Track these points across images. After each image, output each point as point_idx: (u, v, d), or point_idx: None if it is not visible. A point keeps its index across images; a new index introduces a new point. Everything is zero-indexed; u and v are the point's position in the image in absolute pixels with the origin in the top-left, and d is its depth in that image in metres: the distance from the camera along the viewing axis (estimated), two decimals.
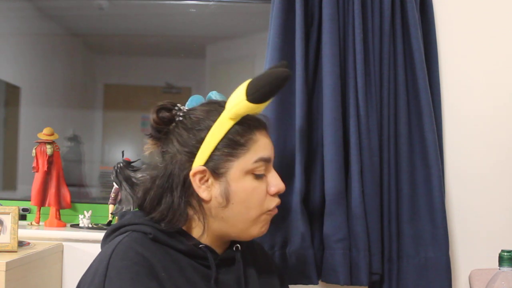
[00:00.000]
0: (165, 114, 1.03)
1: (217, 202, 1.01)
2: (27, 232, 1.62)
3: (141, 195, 1.05)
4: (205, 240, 1.04)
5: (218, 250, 1.05)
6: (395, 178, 1.50)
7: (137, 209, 1.08)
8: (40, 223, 1.74)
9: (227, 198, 1.00)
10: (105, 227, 1.70)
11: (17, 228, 1.44)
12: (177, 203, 1.00)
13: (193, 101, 1.87)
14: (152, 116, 1.04)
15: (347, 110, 1.47)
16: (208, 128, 1.01)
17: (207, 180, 1.01)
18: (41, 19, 2.37)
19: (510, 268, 1.08)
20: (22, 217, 1.80)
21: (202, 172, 1.00)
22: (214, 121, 1.01)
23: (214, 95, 1.82)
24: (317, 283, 1.46)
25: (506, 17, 1.63)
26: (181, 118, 1.03)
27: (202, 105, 1.08)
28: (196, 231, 1.03)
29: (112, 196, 1.72)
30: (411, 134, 1.51)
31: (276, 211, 1.07)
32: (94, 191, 2.16)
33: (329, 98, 1.44)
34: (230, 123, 1.01)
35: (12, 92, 2.29)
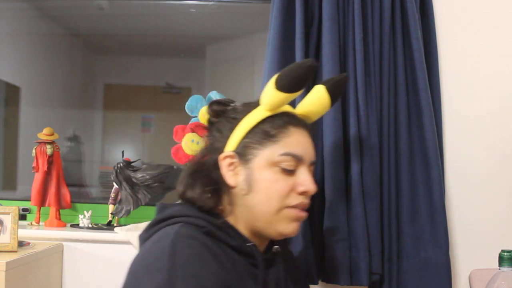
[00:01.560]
0: (216, 107, 1.09)
1: (241, 188, 1.02)
2: (27, 232, 1.62)
3: (179, 185, 1.06)
4: (247, 235, 1.04)
5: (260, 249, 1.06)
6: (395, 178, 1.50)
7: (180, 201, 1.07)
8: (40, 223, 1.74)
9: (249, 184, 1.02)
10: (105, 227, 1.70)
11: (17, 228, 1.44)
12: (209, 188, 1.02)
13: (193, 101, 1.87)
14: (207, 109, 1.11)
15: (347, 110, 1.47)
16: (243, 117, 1.05)
17: (236, 167, 1.03)
18: (41, 19, 2.37)
19: (510, 268, 1.09)
20: (22, 217, 1.80)
21: (230, 156, 1.03)
22: (249, 112, 1.05)
23: (214, 95, 1.81)
24: (317, 283, 1.46)
25: (506, 17, 1.63)
26: (228, 113, 1.08)
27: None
28: (228, 218, 1.04)
29: (112, 196, 1.72)
30: (411, 134, 1.51)
31: (302, 214, 1.05)
32: (94, 191, 2.17)
33: None
34: (264, 114, 1.04)
35: (12, 92, 2.29)
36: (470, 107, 1.61)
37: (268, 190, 1.01)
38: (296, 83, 1.03)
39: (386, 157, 1.49)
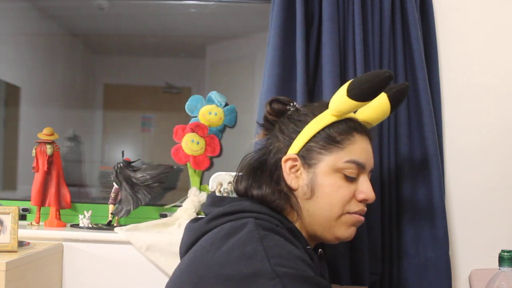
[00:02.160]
0: (277, 106, 1.08)
1: (302, 192, 1.02)
2: (27, 232, 1.62)
3: (239, 181, 1.04)
4: (305, 237, 1.04)
5: None
6: (395, 178, 1.50)
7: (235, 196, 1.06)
8: (40, 223, 1.74)
9: (312, 189, 1.02)
10: (105, 227, 1.70)
11: (17, 228, 1.44)
12: (265, 185, 1.01)
13: (193, 101, 1.88)
14: (266, 107, 1.09)
15: None
16: (309, 120, 1.04)
17: (297, 170, 1.03)
18: (41, 19, 2.37)
19: (510, 268, 1.09)
20: (22, 217, 1.80)
21: (293, 159, 1.03)
22: (316, 115, 1.05)
23: (214, 95, 1.82)
24: None
25: (506, 17, 1.63)
26: (290, 112, 1.07)
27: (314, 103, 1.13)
28: (295, 222, 1.03)
29: (112, 196, 1.72)
30: (411, 134, 1.51)
31: (361, 219, 1.06)
32: (94, 191, 2.16)
33: (329, 98, 1.43)
34: (331, 119, 1.04)
35: (12, 92, 2.29)
36: (470, 107, 1.61)
37: (331, 196, 1.02)
38: (370, 93, 1.03)
39: (386, 157, 1.49)
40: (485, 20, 1.63)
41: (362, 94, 1.02)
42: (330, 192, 1.02)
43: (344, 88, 1.04)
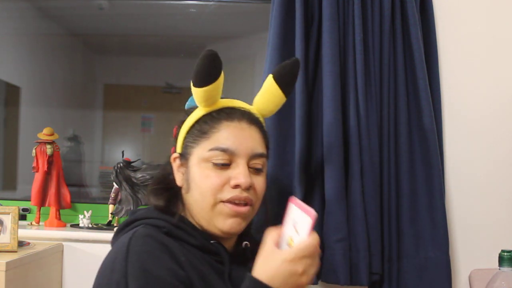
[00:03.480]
0: (182, 118, 1.12)
1: (184, 188, 1.06)
2: (27, 232, 1.62)
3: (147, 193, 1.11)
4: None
5: (226, 246, 1.06)
6: (395, 178, 1.50)
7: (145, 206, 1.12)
8: (40, 223, 1.74)
9: (188, 183, 1.05)
10: (105, 227, 1.70)
11: (17, 228, 1.44)
12: (163, 191, 1.07)
13: (193, 101, 1.88)
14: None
15: (347, 110, 1.47)
16: (186, 119, 1.10)
17: (179, 167, 1.07)
18: (41, 19, 2.37)
19: (510, 268, 1.09)
20: (22, 217, 1.80)
21: (175, 158, 1.08)
22: (191, 113, 1.10)
23: None
24: (317, 283, 1.46)
25: (506, 17, 1.63)
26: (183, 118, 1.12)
27: None
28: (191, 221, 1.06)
29: (112, 196, 1.72)
30: (411, 134, 1.51)
31: (238, 209, 1.03)
32: (94, 191, 2.16)
33: (329, 98, 1.44)
34: (200, 113, 1.08)
35: (12, 92, 2.29)
36: (470, 107, 1.61)
37: (200, 185, 1.03)
38: (202, 75, 1.04)
39: (386, 157, 1.49)
40: (485, 20, 1.63)
41: (197, 79, 1.04)
42: (199, 181, 1.03)
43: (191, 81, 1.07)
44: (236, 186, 1.02)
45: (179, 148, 1.09)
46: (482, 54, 1.62)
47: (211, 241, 1.03)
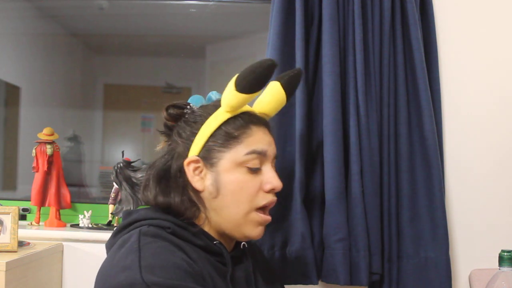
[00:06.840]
0: (173, 111, 1.08)
1: (208, 193, 1.03)
2: (27, 232, 1.62)
3: (146, 191, 1.06)
4: (213, 235, 1.05)
5: (227, 247, 1.07)
6: (395, 178, 1.50)
7: (143, 206, 1.09)
8: (40, 223, 1.74)
9: (217, 188, 1.02)
10: (105, 227, 1.70)
11: (17, 228, 1.44)
12: (174, 193, 1.03)
13: (193, 101, 1.87)
14: (163, 113, 1.09)
15: (347, 110, 1.47)
16: (204, 121, 1.05)
17: (201, 171, 1.03)
18: (41, 19, 2.37)
19: (510, 268, 1.09)
20: (22, 217, 1.80)
21: (195, 161, 1.03)
22: (210, 114, 1.06)
23: (214, 95, 1.81)
24: (317, 283, 1.46)
25: (506, 17, 1.63)
26: (187, 116, 1.08)
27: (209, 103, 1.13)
28: (202, 224, 1.05)
29: (112, 196, 1.72)
30: (411, 134, 1.51)
31: (268, 219, 1.06)
32: (94, 191, 2.16)
33: (329, 98, 1.44)
34: (225, 116, 1.04)
35: (12, 92, 2.29)
36: (470, 107, 1.61)
37: (237, 192, 1.02)
38: (255, 84, 1.03)
39: (386, 157, 1.49)
40: (485, 19, 1.63)
41: (249, 86, 1.02)
42: (235, 188, 1.02)
43: (232, 82, 1.03)
44: (272, 190, 1.04)
45: (196, 151, 1.03)
46: (482, 54, 1.62)
47: (215, 242, 1.03)
